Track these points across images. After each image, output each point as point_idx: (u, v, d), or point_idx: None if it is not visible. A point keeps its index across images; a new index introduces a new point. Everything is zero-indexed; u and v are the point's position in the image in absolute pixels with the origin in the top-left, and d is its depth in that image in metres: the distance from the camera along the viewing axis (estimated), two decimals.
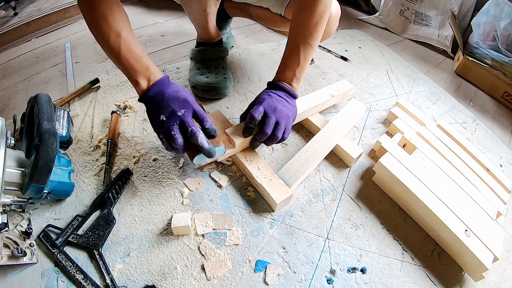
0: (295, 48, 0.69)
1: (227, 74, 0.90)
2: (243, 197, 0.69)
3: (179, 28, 1.27)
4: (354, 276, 0.60)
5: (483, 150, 0.93)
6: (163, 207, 0.65)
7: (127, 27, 0.61)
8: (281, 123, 0.66)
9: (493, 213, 0.69)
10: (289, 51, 0.70)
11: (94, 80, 0.92)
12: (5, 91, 0.95)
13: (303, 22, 0.68)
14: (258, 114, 0.65)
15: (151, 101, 0.60)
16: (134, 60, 0.60)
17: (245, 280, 0.57)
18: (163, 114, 0.58)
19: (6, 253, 0.51)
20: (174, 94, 0.59)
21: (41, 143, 0.49)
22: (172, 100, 0.58)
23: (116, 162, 0.73)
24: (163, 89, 0.60)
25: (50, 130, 0.51)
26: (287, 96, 0.70)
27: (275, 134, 0.66)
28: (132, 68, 0.60)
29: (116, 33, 0.58)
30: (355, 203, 0.72)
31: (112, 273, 0.55)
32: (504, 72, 1.14)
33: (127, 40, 0.59)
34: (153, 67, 0.62)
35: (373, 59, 1.22)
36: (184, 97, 0.59)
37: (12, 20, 1.22)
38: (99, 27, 0.59)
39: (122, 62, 0.60)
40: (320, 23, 0.68)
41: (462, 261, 0.63)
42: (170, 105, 0.58)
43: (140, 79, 0.60)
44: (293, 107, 0.70)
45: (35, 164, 0.48)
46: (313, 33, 0.68)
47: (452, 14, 1.29)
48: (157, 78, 0.61)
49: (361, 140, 0.87)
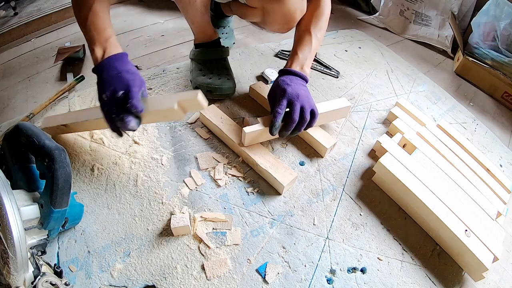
0: (306, 38, 0.75)
1: (230, 75, 0.91)
2: (243, 197, 0.69)
3: (179, 28, 1.27)
4: (354, 276, 0.60)
5: (483, 150, 0.93)
6: (163, 207, 0.65)
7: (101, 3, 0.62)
8: (306, 107, 0.68)
9: (493, 213, 0.69)
10: (300, 40, 0.75)
11: (80, 77, 0.94)
12: (5, 91, 0.95)
13: (312, 18, 0.76)
14: (283, 110, 0.67)
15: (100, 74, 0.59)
16: (97, 30, 0.61)
17: (245, 280, 0.57)
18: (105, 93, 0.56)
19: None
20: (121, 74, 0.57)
21: (53, 162, 0.46)
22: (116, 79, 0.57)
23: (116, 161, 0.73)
24: (113, 65, 0.59)
25: (57, 146, 0.48)
26: (302, 80, 0.73)
27: (304, 118, 0.67)
28: (92, 36, 0.61)
29: (88, 6, 0.60)
30: (355, 203, 0.72)
31: (112, 273, 0.55)
32: (504, 72, 1.14)
33: (95, 12, 0.61)
34: (114, 40, 0.62)
35: (373, 59, 1.22)
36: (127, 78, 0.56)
37: (12, 20, 1.22)
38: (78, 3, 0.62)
39: (86, 32, 0.61)
40: (326, 22, 0.78)
41: (462, 261, 0.63)
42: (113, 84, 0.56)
43: (96, 48, 0.60)
44: (308, 92, 0.73)
45: (54, 186, 0.46)
46: (321, 26, 0.76)
47: (452, 14, 1.29)
48: (113, 52, 0.60)
49: (361, 140, 0.87)
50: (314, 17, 0.76)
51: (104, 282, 0.55)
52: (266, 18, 0.75)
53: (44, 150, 0.48)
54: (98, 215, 0.63)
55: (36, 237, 0.50)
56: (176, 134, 0.80)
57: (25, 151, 0.54)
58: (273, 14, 0.72)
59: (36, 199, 0.51)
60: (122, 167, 0.71)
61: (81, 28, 0.63)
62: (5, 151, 0.55)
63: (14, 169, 0.54)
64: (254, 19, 0.79)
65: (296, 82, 0.71)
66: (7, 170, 0.54)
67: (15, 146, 0.53)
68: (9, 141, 0.54)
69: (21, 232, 0.43)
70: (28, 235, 0.49)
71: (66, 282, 0.51)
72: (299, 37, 0.76)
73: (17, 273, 0.44)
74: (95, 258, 0.58)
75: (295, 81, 0.71)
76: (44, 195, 0.48)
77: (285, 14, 0.71)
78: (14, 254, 0.43)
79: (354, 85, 1.06)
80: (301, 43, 0.75)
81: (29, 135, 0.50)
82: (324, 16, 0.77)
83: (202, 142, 0.79)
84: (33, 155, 0.51)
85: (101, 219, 0.63)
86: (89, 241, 0.60)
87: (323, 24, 0.77)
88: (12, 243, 0.42)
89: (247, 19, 0.83)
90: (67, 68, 1.02)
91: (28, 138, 0.50)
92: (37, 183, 0.54)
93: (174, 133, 0.80)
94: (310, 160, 0.79)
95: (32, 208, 0.48)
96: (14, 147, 0.53)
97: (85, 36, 0.62)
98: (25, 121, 0.78)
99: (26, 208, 0.48)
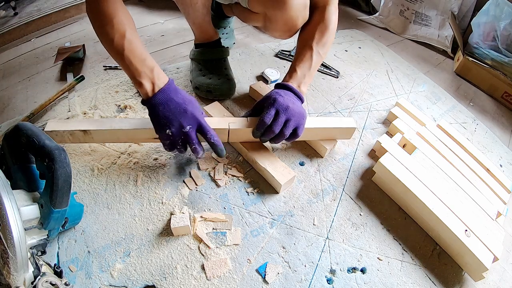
0: (306, 54, 0.72)
1: (229, 75, 0.91)
2: (243, 197, 0.69)
3: (179, 28, 1.27)
4: (354, 276, 0.60)
5: (483, 150, 0.93)
6: (163, 207, 0.65)
7: (132, 29, 0.61)
8: (291, 121, 0.66)
9: (493, 213, 0.69)
10: (300, 56, 0.72)
11: (80, 77, 0.94)
12: (5, 91, 0.95)
13: (315, 32, 0.72)
14: (269, 119, 0.65)
15: (157, 108, 0.60)
16: (138, 61, 0.59)
17: (245, 280, 0.57)
18: (170, 129, 0.60)
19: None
20: (182, 107, 0.61)
21: (54, 162, 0.46)
22: (179, 114, 0.60)
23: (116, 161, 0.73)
24: (170, 98, 0.60)
25: (57, 146, 0.48)
26: (296, 97, 0.70)
27: (283, 132, 0.66)
28: (135, 69, 0.59)
29: (120, 34, 0.58)
30: (355, 203, 0.72)
31: (112, 273, 0.55)
32: (504, 72, 1.14)
33: (131, 41, 0.59)
34: (158, 69, 0.62)
35: (373, 59, 1.22)
36: (191, 112, 0.61)
37: (12, 20, 1.22)
38: (104, 28, 0.59)
39: (125, 63, 0.59)
40: (332, 36, 0.74)
41: (462, 261, 0.63)
42: (177, 119, 0.60)
43: (144, 81, 0.60)
44: (303, 109, 0.70)
45: (55, 186, 0.46)
46: (324, 42, 0.72)
47: (452, 14, 1.29)
48: (162, 82, 0.61)
49: (361, 140, 0.87)
50: (318, 31, 0.72)
51: (104, 282, 0.55)
52: (267, 25, 0.74)
53: (44, 150, 0.48)
54: (98, 215, 0.63)
55: (36, 237, 0.50)
56: None
57: (25, 151, 0.54)
58: (275, 21, 0.71)
59: (36, 199, 0.51)
60: (122, 167, 0.71)
61: (117, 59, 0.61)
62: (5, 151, 0.54)
63: (14, 169, 0.53)
64: (256, 24, 0.78)
65: (290, 96, 0.68)
66: (7, 170, 0.54)
67: (15, 146, 0.53)
68: (9, 141, 0.54)
69: (21, 232, 0.43)
70: (28, 235, 0.49)
71: (66, 282, 0.51)
72: (300, 51, 0.73)
73: (17, 273, 0.44)
74: (95, 258, 0.58)
75: (289, 95, 0.69)
76: (44, 195, 0.48)
77: (287, 21, 0.70)
78: (14, 254, 0.43)
79: (354, 85, 1.06)
80: (301, 60, 0.72)
81: (29, 135, 0.50)
82: (329, 31, 0.72)
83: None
84: (33, 155, 0.51)
85: (101, 219, 0.63)
86: (89, 241, 0.60)
87: (328, 39, 0.73)
88: (12, 243, 0.42)
89: (249, 23, 0.83)
90: (67, 68, 1.02)
91: (28, 138, 0.50)
92: (37, 183, 0.53)
93: None
94: (310, 160, 0.79)
95: (32, 208, 0.48)
96: (14, 147, 0.53)
97: (125, 67, 0.60)
98: (25, 121, 0.78)
99: (26, 208, 0.48)
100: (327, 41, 0.73)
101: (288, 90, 0.70)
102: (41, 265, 0.49)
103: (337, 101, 0.98)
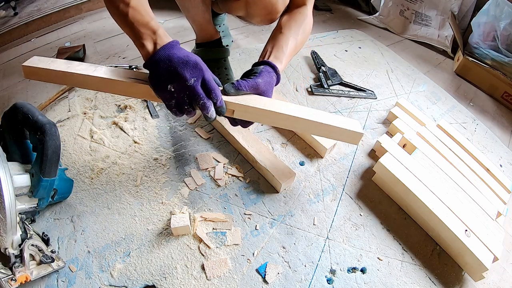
0: (284, 39, 0.70)
1: (229, 75, 0.91)
2: (243, 197, 0.69)
3: (179, 28, 1.27)
4: (354, 276, 0.60)
5: (483, 150, 0.93)
6: (163, 206, 0.65)
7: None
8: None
9: (493, 213, 0.69)
10: (276, 38, 0.71)
11: None
12: (5, 91, 0.95)
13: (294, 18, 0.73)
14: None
15: (157, 65, 0.53)
16: (141, 24, 0.56)
17: (245, 280, 0.57)
18: (171, 83, 0.52)
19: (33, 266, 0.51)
20: (184, 59, 0.53)
21: (45, 134, 0.50)
22: (181, 65, 0.53)
23: (116, 161, 0.73)
24: (172, 53, 0.54)
25: (49, 121, 0.52)
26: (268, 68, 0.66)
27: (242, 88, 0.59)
28: (138, 31, 0.56)
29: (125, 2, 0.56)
30: (355, 203, 0.72)
31: (112, 273, 0.55)
32: (504, 72, 1.14)
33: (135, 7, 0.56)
34: (162, 31, 0.57)
35: (373, 59, 1.22)
36: (195, 62, 0.54)
37: (12, 20, 1.22)
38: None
39: (129, 27, 0.56)
40: (308, 26, 0.75)
41: (462, 261, 0.63)
42: (179, 72, 0.52)
43: (145, 42, 0.55)
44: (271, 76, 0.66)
45: (44, 156, 0.50)
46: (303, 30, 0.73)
47: (452, 14, 1.29)
48: (165, 42, 0.56)
49: (361, 140, 0.86)
50: (296, 18, 0.73)
51: (104, 282, 0.55)
52: (249, 11, 0.76)
53: (37, 124, 0.52)
54: (98, 215, 0.64)
55: (26, 204, 0.55)
56: (176, 134, 0.80)
57: (21, 128, 0.58)
58: (254, 5, 0.73)
59: (28, 170, 0.55)
60: (122, 167, 0.71)
61: (121, 26, 0.58)
62: (4, 128, 0.59)
63: (10, 144, 0.58)
64: (239, 13, 0.80)
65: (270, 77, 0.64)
66: (5, 145, 0.59)
67: (13, 123, 0.57)
68: (7, 119, 0.58)
69: (12, 197, 0.48)
70: (19, 201, 0.53)
71: (52, 250, 0.55)
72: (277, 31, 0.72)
73: (6, 234, 0.48)
74: (95, 258, 0.58)
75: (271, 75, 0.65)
76: (35, 165, 0.53)
77: (266, 5, 0.72)
78: (4, 217, 0.47)
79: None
80: (279, 40, 0.70)
81: (24, 112, 0.55)
82: (306, 20, 0.73)
83: (202, 142, 0.79)
84: (28, 129, 0.55)
85: (101, 219, 0.63)
86: (89, 241, 0.60)
87: (306, 28, 0.73)
88: (3, 206, 0.47)
89: (233, 13, 0.84)
90: None
91: (24, 114, 0.54)
92: (31, 157, 0.58)
93: (174, 133, 0.81)
94: (310, 160, 0.79)
95: (23, 177, 0.53)
96: (12, 123, 0.58)
97: (129, 33, 0.57)
98: None
99: (18, 176, 0.52)
100: (305, 29, 0.73)
101: (269, 66, 0.67)
102: (29, 231, 0.54)
103: (337, 101, 0.98)
